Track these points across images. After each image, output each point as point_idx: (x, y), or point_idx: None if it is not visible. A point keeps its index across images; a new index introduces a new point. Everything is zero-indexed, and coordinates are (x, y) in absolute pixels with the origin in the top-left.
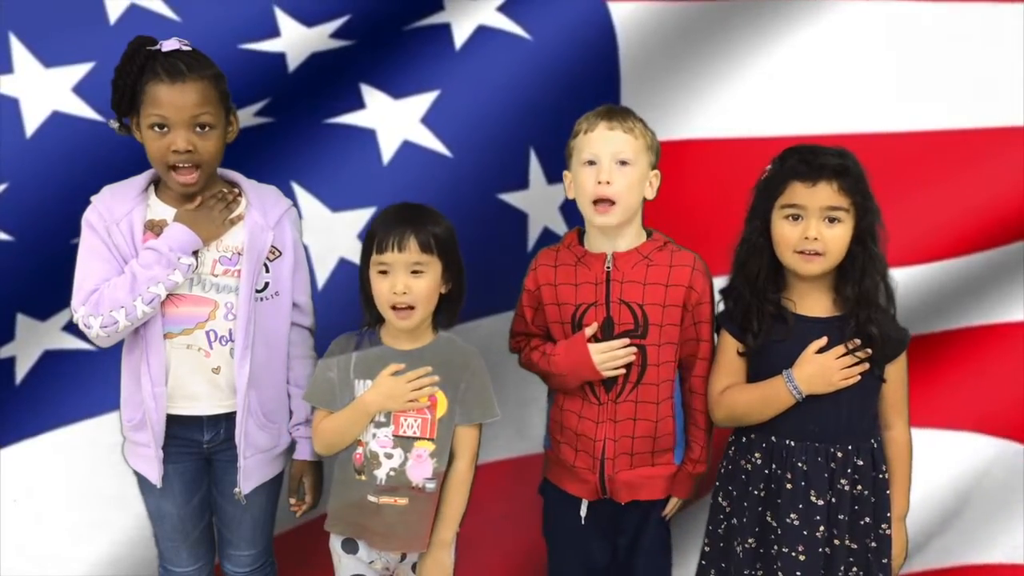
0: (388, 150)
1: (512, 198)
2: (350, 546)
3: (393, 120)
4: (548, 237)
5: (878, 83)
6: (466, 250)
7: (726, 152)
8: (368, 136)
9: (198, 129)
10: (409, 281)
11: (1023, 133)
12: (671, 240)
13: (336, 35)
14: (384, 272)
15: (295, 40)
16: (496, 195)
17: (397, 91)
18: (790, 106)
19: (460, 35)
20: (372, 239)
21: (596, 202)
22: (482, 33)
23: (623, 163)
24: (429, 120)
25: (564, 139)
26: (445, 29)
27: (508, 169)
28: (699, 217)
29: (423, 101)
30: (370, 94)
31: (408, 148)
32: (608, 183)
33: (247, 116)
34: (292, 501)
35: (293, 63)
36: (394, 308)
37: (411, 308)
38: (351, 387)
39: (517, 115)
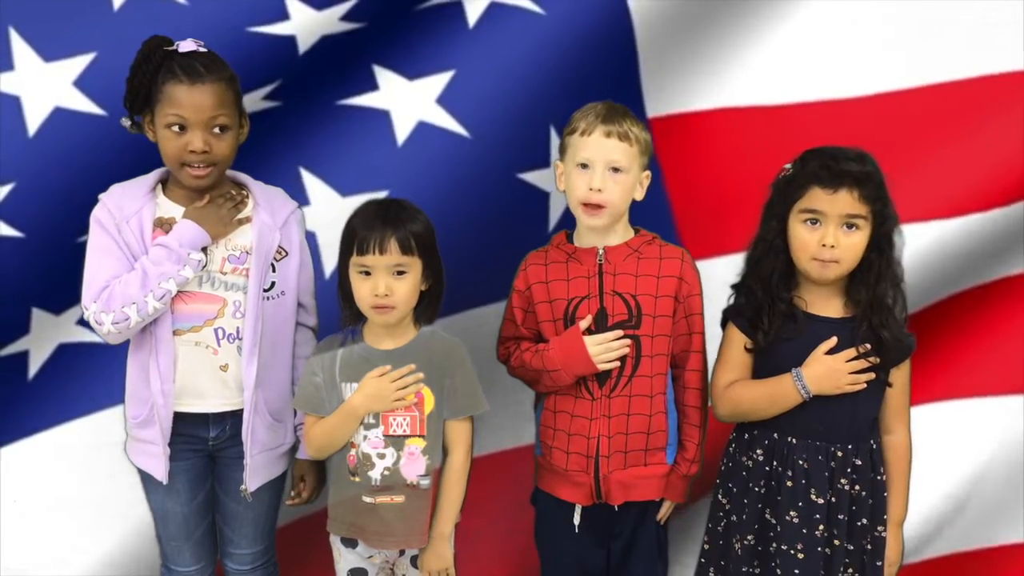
0: (403, 131)
1: (532, 177)
2: (350, 540)
3: (408, 101)
4: (570, 217)
5: (885, 41)
6: (485, 231)
7: (746, 121)
8: (382, 117)
9: (215, 130)
10: (391, 282)
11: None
12: (658, 236)
13: (346, 18)
14: (365, 273)
15: (305, 23)
16: (516, 174)
17: (411, 72)
18: (807, 71)
19: (473, 13)
20: (352, 239)
21: (585, 204)
22: (495, 9)
23: (616, 170)
24: (445, 100)
25: None
26: (458, 7)
27: (528, 147)
28: (719, 187)
29: (438, 81)
30: (383, 75)
31: (424, 129)
32: (600, 191)
33: (254, 100)
34: (292, 494)
35: (304, 45)
36: (375, 307)
37: (392, 308)
38: (338, 391)
39: (536, 92)
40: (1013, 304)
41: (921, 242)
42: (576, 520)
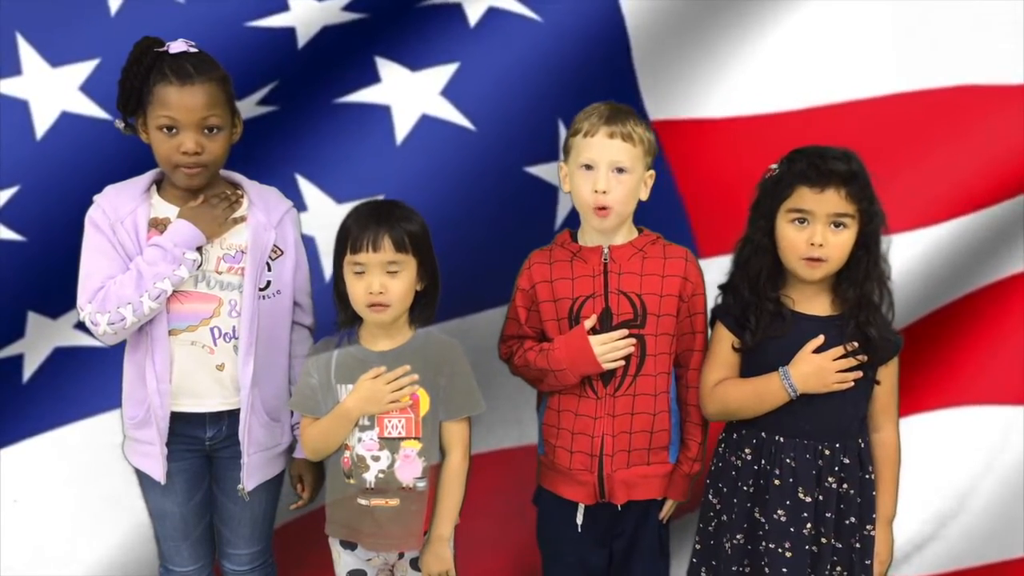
0: (404, 127)
1: (540, 170)
2: (349, 542)
3: (411, 93)
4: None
5: (880, 45)
6: (491, 227)
7: (747, 125)
8: (382, 113)
9: (206, 131)
10: (385, 280)
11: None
12: (661, 235)
13: (348, 8)
14: (359, 272)
15: (305, 14)
16: (523, 168)
17: (415, 63)
18: (802, 78)
19: (473, 15)
20: (345, 238)
21: (593, 207)
22: (493, 15)
23: (620, 170)
24: (449, 93)
25: None
26: (457, 9)
27: (535, 139)
28: (729, 186)
29: (443, 73)
30: (386, 67)
31: (427, 123)
32: (604, 192)
33: (249, 106)
34: (298, 492)
35: (303, 38)
36: (370, 306)
37: (387, 306)
38: (334, 392)
39: (540, 88)
40: (1010, 309)
41: (916, 250)
42: (579, 519)
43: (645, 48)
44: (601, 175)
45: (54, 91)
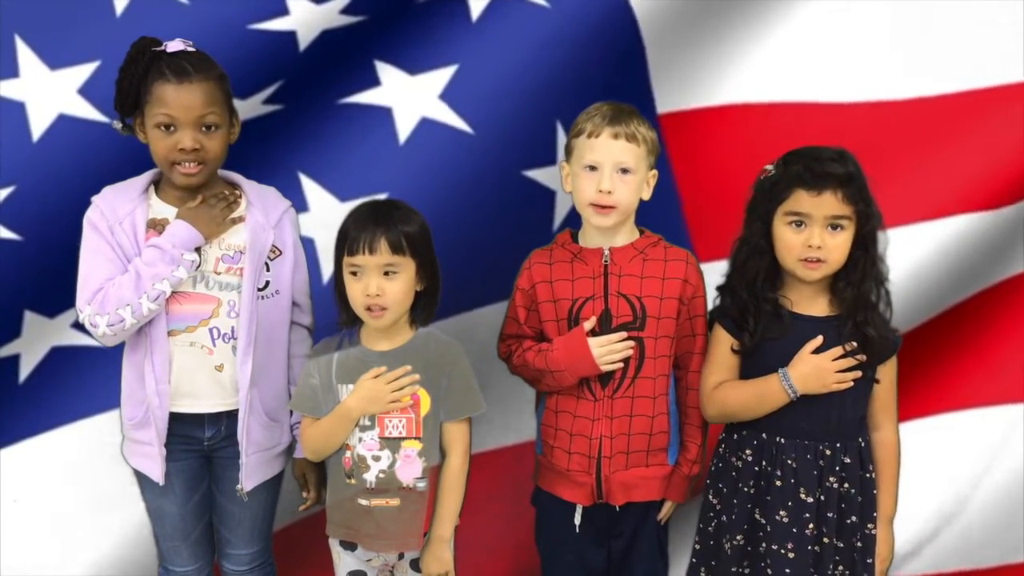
0: (405, 129)
1: (538, 175)
2: (349, 543)
3: (410, 97)
4: (575, 216)
5: (885, 49)
6: (489, 230)
7: (753, 117)
8: (384, 115)
9: (204, 129)
10: (382, 283)
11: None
12: (663, 237)
13: (346, 11)
14: (356, 273)
15: (305, 18)
16: (521, 172)
17: (413, 67)
18: (811, 71)
19: (476, 5)
20: (344, 240)
21: (594, 204)
22: (499, 2)
23: (624, 171)
24: (448, 96)
25: None
26: (460, 0)
27: (534, 144)
28: (731, 185)
29: (441, 76)
30: (385, 71)
31: (427, 126)
32: (609, 192)
33: (255, 105)
34: (304, 495)
35: (304, 41)
36: (368, 309)
37: (384, 309)
38: (334, 392)
39: (541, 87)
40: (1013, 311)
41: (919, 249)
42: (577, 520)
43: (657, 33)
44: (606, 176)
45: (52, 94)
